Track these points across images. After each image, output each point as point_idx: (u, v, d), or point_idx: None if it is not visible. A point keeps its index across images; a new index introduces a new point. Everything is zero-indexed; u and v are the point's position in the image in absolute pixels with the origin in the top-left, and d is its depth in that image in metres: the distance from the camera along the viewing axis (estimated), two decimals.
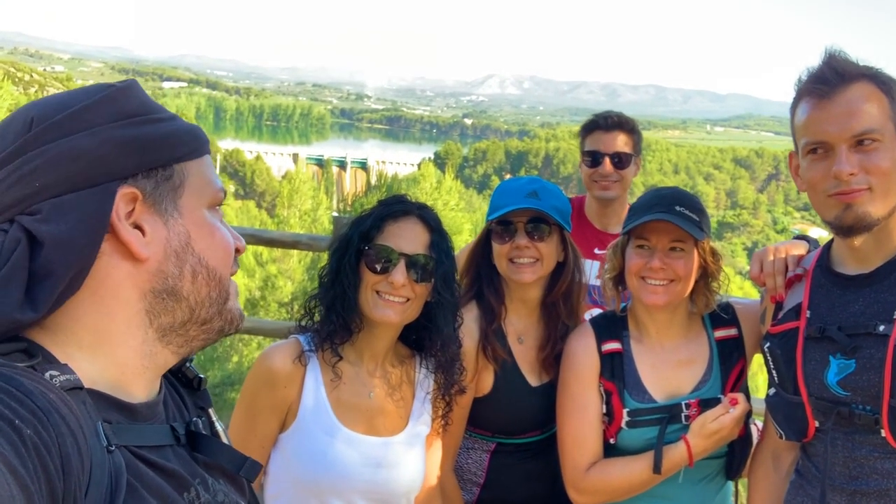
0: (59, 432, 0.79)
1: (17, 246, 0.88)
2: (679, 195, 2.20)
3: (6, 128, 0.95)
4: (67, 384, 0.86)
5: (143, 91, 1.03)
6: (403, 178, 20.17)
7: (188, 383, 1.17)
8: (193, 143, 1.04)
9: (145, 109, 1.00)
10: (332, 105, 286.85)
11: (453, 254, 2.16)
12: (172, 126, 1.02)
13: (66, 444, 0.79)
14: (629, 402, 2.22)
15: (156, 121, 1.00)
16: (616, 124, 3.37)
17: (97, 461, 0.84)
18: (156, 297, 0.99)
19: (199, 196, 1.03)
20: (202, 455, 1.06)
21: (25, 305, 0.88)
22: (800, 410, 1.89)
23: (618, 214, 3.38)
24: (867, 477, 1.78)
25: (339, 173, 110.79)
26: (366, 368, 2.14)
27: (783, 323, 1.97)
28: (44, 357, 0.89)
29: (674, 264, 2.15)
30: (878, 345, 1.74)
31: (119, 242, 0.95)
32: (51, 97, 0.99)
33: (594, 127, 3.41)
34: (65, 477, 0.78)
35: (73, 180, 0.91)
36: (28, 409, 0.77)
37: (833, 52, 1.80)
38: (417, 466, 2.17)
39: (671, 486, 2.20)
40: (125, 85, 1.00)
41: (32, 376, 0.83)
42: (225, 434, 1.15)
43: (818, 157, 1.79)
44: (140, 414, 0.97)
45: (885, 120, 1.74)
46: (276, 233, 9.10)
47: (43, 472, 0.75)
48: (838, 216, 1.77)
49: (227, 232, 1.08)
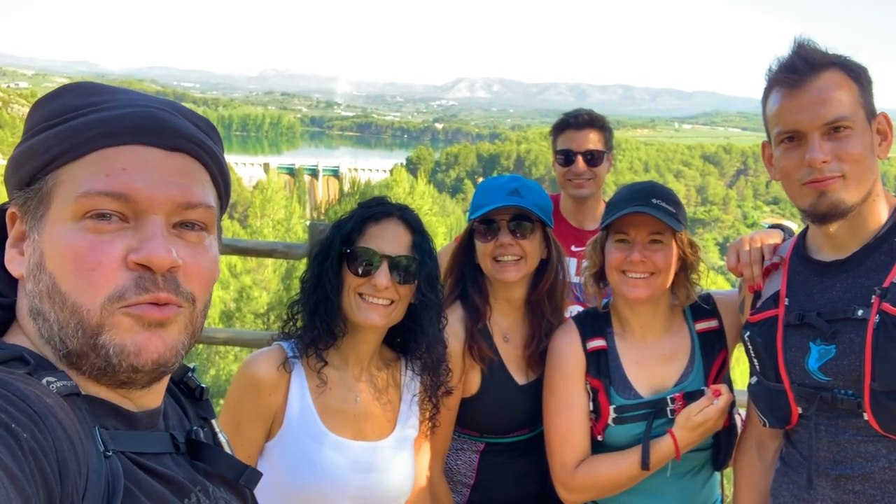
0: (56, 436, 0.79)
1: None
2: (655, 188, 2.21)
3: None
4: (64, 390, 0.85)
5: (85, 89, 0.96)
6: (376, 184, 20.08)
7: (190, 393, 1.16)
8: (72, 140, 0.91)
9: (59, 111, 0.93)
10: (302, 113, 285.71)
11: (436, 254, 2.15)
12: (61, 128, 0.92)
13: (63, 449, 0.79)
14: (615, 398, 2.22)
15: (51, 126, 0.92)
16: (587, 122, 3.39)
17: (94, 466, 0.83)
18: (35, 318, 0.93)
19: (65, 206, 0.91)
20: (202, 463, 1.04)
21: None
22: (782, 398, 1.90)
23: (593, 211, 3.41)
24: (851, 461, 1.80)
25: (312, 182, 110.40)
26: (351, 373, 2.12)
27: (762, 311, 1.98)
28: (40, 364, 0.89)
29: (653, 257, 2.16)
30: (857, 329, 1.76)
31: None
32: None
33: (565, 126, 3.42)
34: (62, 481, 0.77)
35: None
36: (25, 413, 0.77)
37: (802, 41, 1.82)
38: (406, 470, 2.16)
39: (659, 479, 2.20)
40: (60, 88, 0.96)
41: (29, 381, 0.83)
42: (228, 445, 1.14)
43: (791, 146, 1.81)
44: (140, 422, 0.96)
45: (855, 107, 1.76)
46: (251, 242, 9.02)
47: (40, 476, 0.74)
48: (812, 204, 1.79)
49: (97, 248, 0.90)
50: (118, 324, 0.90)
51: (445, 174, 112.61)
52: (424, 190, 20.33)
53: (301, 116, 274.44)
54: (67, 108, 0.93)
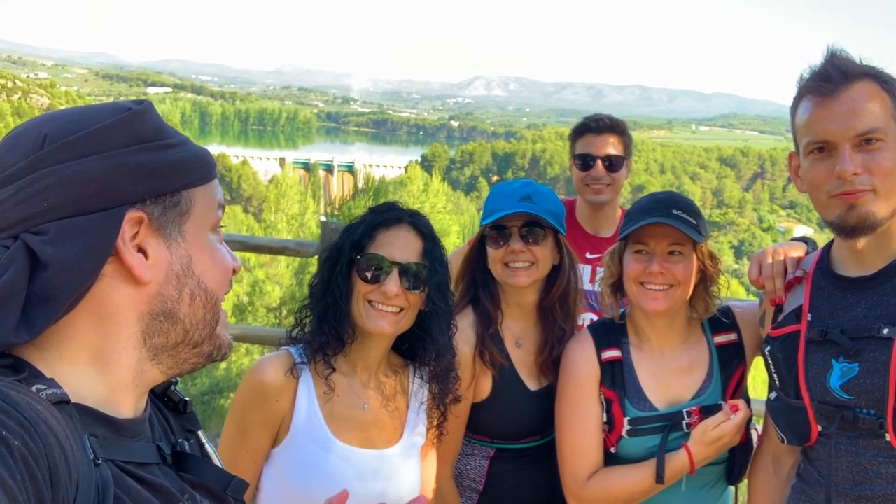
0: (47, 443, 0.79)
1: (16, 265, 0.88)
2: (676, 199, 2.17)
3: (16, 140, 0.94)
4: (54, 398, 0.86)
5: (158, 114, 1.03)
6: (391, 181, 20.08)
7: (174, 406, 1.16)
8: (202, 169, 1.04)
9: (158, 134, 0.99)
10: (319, 108, 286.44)
11: (447, 261, 2.13)
12: (183, 152, 1.02)
13: (54, 456, 0.79)
14: (630, 410, 2.18)
15: (168, 147, 1.00)
16: (607, 127, 3.35)
17: (84, 473, 0.84)
18: (153, 319, 0.99)
19: (203, 220, 1.04)
20: (188, 475, 1.05)
21: (21, 328, 0.87)
22: (802, 415, 1.86)
23: (609, 218, 3.37)
24: (872, 482, 1.76)
25: (327, 177, 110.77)
26: (359, 380, 2.10)
27: (784, 326, 1.94)
28: (30, 372, 0.89)
29: (673, 269, 2.12)
30: (881, 348, 1.72)
31: (121, 265, 0.95)
32: (64, 112, 0.98)
33: (585, 130, 3.38)
34: (53, 488, 0.78)
35: (83, 203, 0.91)
36: (15, 421, 0.77)
37: (835, 50, 1.78)
38: (413, 478, 2.13)
39: (673, 494, 2.17)
40: (141, 108, 1.00)
41: (19, 389, 0.83)
42: (216, 456, 1.15)
43: (821, 157, 1.76)
44: (126, 430, 0.97)
45: (887, 119, 1.72)
46: (264, 239, 9.03)
47: (31, 483, 0.75)
48: (841, 216, 1.75)
49: (227, 254, 1.09)
50: (222, 320, 1.09)
51: (460, 172, 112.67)
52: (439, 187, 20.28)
53: (317, 112, 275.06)
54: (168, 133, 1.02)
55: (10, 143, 0.94)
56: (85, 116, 0.96)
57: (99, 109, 0.98)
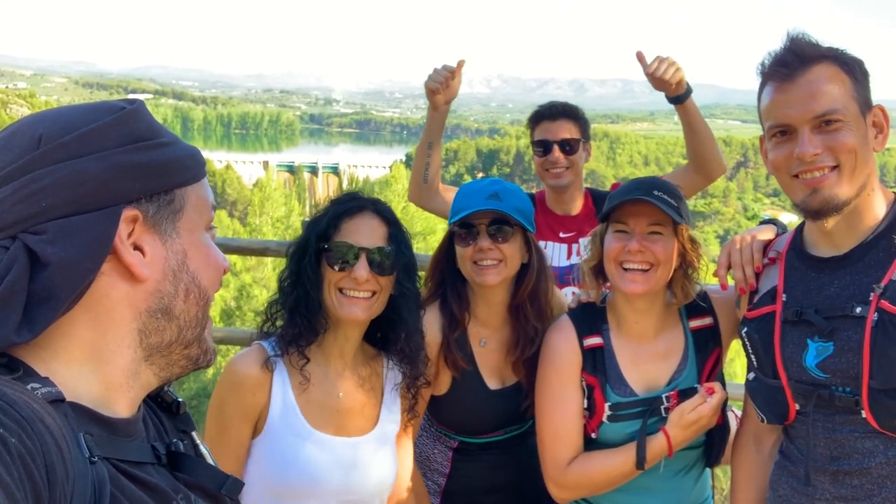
0: (44, 441, 0.79)
1: (18, 265, 0.88)
2: (657, 182, 2.18)
3: (10, 140, 0.94)
4: (49, 396, 0.86)
5: (150, 113, 1.04)
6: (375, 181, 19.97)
7: (167, 407, 1.17)
8: (194, 167, 1.06)
9: (152, 133, 1.01)
10: (301, 111, 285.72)
11: (411, 245, 2.16)
12: (176, 151, 1.03)
13: (51, 453, 0.80)
14: (611, 395, 2.19)
15: (161, 145, 1.01)
16: (561, 112, 3.40)
17: (80, 471, 0.84)
18: (150, 316, 1.00)
19: (196, 219, 1.06)
20: (183, 474, 1.06)
21: (23, 327, 0.88)
22: (780, 394, 1.88)
23: (575, 199, 3.41)
24: (848, 457, 1.78)
25: (311, 179, 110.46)
26: (334, 369, 2.12)
27: (759, 307, 1.96)
28: (24, 371, 0.89)
29: (652, 247, 2.12)
30: (855, 327, 1.73)
31: (119, 263, 0.96)
32: (58, 112, 0.99)
33: (540, 118, 3.43)
34: (50, 486, 0.78)
35: (80, 202, 0.92)
36: (12, 419, 0.77)
37: (794, 34, 1.80)
38: (388, 465, 2.16)
39: (652, 477, 2.18)
40: (134, 108, 1.01)
41: (16, 387, 0.83)
42: (210, 456, 1.16)
43: (783, 140, 1.79)
44: (120, 430, 0.97)
45: (847, 99, 1.73)
46: (245, 240, 9.02)
47: (28, 481, 0.75)
48: (805, 199, 1.77)
49: (219, 252, 1.11)
50: (208, 326, 1.10)
51: (445, 170, 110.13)
52: None
53: (300, 114, 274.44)
54: (160, 132, 1.03)
55: (4, 143, 0.95)
56: (79, 116, 0.97)
57: (92, 109, 0.99)
